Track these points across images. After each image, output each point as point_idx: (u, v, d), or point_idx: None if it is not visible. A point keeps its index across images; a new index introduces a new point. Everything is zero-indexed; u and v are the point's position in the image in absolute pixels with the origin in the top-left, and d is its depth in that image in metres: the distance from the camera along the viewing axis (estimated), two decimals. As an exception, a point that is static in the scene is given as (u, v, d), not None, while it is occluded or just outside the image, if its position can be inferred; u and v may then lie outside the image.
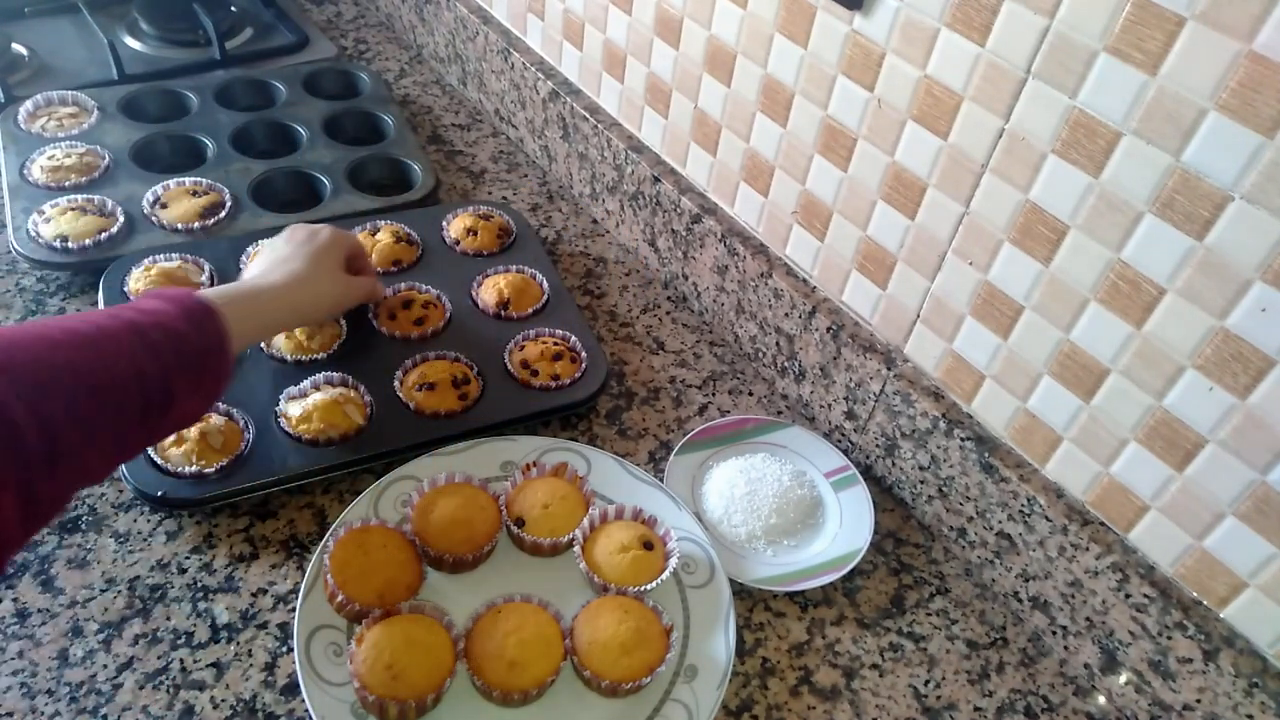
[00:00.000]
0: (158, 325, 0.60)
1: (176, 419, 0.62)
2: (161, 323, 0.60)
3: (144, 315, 0.60)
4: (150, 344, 0.59)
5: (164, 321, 0.61)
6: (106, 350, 0.56)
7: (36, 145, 1.02)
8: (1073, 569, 0.71)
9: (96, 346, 0.56)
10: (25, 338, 0.53)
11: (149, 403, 0.58)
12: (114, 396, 0.56)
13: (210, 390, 0.64)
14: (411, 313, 0.90)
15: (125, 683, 0.65)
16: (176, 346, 0.60)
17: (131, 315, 0.60)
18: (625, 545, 0.72)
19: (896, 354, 0.82)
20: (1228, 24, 0.52)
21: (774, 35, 0.80)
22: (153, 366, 0.58)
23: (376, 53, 1.37)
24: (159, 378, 0.58)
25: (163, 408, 0.59)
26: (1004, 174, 0.67)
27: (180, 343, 0.61)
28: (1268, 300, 0.55)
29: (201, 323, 0.63)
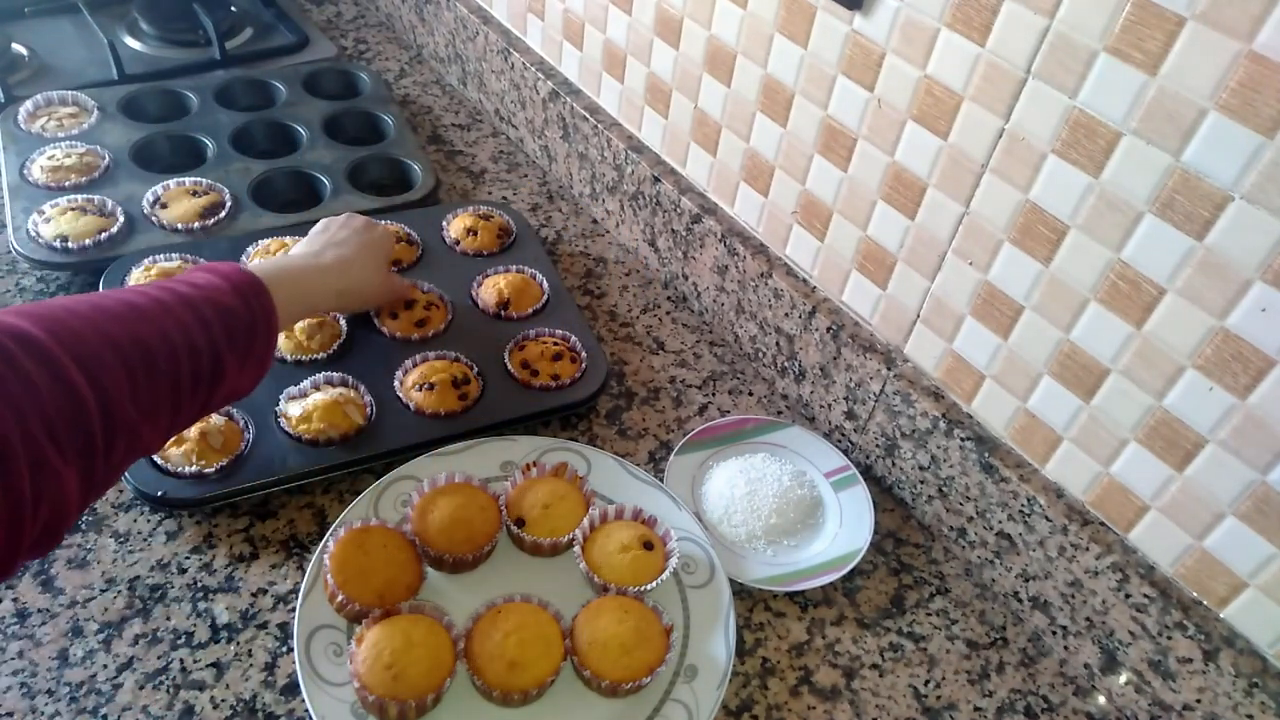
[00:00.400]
0: (209, 300, 0.61)
1: (226, 393, 0.63)
2: (213, 297, 0.61)
3: (196, 289, 0.61)
4: (202, 318, 0.59)
5: (215, 296, 0.62)
6: (161, 323, 0.57)
7: (36, 145, 1.02)
8: (1073, 569, 0.71)
9: (151, 319, 0.57)
10: (82, 307, 0.54)
11: (200, 376, 0.59)
12: (168, 368, 0.56)
13: (258, 365, 0.65)
14: (414, 313, 0.89)
15: (125, 683, 0.65)
16: (227, 321, 0.61)
17: (184, 289, 0.61)
18: (625, 545, 0.72)
19: (896, 354, 0.82)
20: (1228, 24, 0.52)
21: (774, 35, 0.80)
22: (204, 340, 0.59)
23: (376, 53, 1.37)
24: (210, 352, 0.59)
25: (213, 381, 0.60)
26: (1004, 174, 0.67)
27: (231, 317, 0.62)
28: (1268, 300, 0.55)
29: (251, 298, 0.64)
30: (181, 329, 0.58)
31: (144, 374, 0.55)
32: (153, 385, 0.55)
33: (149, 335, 0.56)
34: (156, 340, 0.56)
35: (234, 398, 0.65)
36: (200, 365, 0.59)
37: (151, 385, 0.55)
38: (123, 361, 0.54)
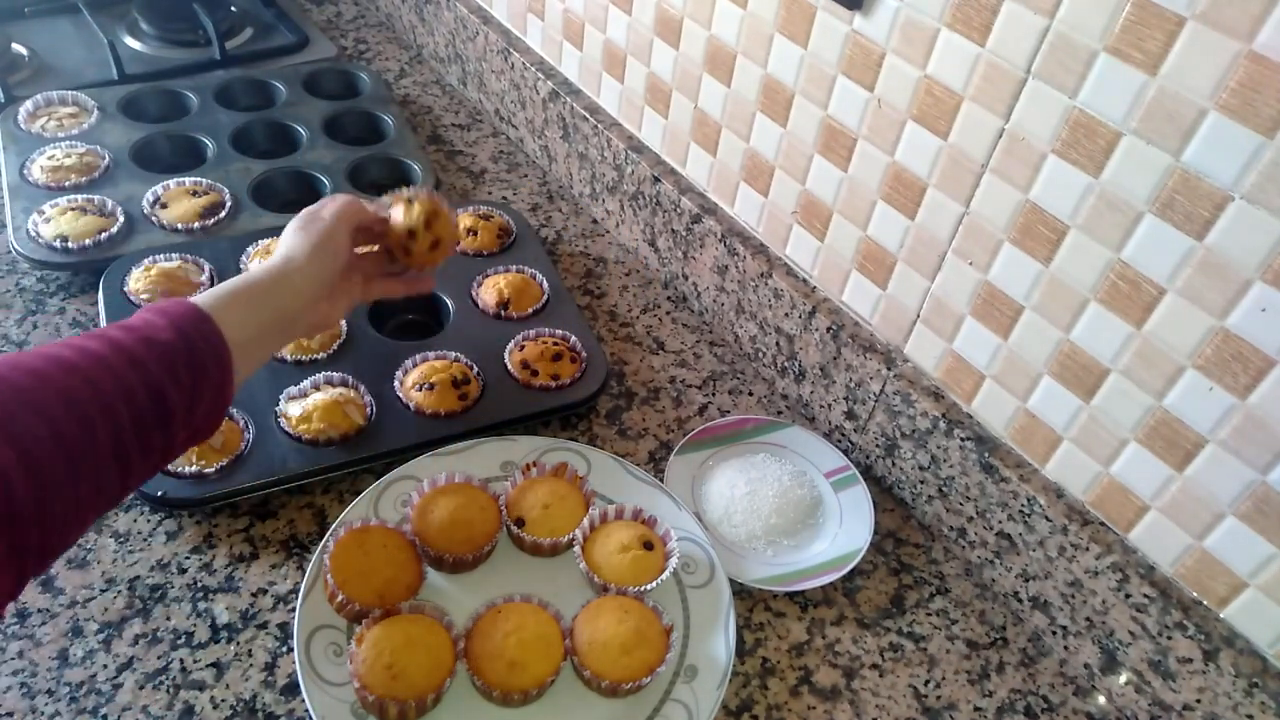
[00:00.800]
0: (142, 340, 0.57)
1: (184, 435, 0.59)
2: (147, 336, 0.57)
3: (127, 331, 0.57)
4: (135, 360, 0.55)
5: (149, 334, 0.57)
6: (90, 373, 0.53)
7: (36, 145, 1.02)
8: (1073, 569, 0.71)
9: (78, 371, 0.53)
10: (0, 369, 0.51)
11: (145, 424, 0.55)
12: (103, 421, 0.52)
13: (214, 398, 0.60)
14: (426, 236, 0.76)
15: (125, 683, 0.65)
16: (166, 359, 0.57)
17: (114, 334, 0.57)
18: (625, 545, 0.72)
19: (896, 354, 0.82)
20: (1228, 24, 0.52)
21: (774, 35, 0.80)
22: (143, 384, 0.55)
23: (376, 53, 1.37)
24: (152, 395, 0.55)
25: (161, 424, 0.56)
26: (1004, 174, 0.67)
27: (169, 354, 0.57)
28: (1268, 300, 0.55)
29: (188, 329, 0.59)
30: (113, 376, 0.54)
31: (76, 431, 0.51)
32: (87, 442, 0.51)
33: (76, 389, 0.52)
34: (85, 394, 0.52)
35: (198, 437, 0.61)
36: (141, 412, 0.54)
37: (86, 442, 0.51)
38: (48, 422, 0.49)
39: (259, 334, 0.65)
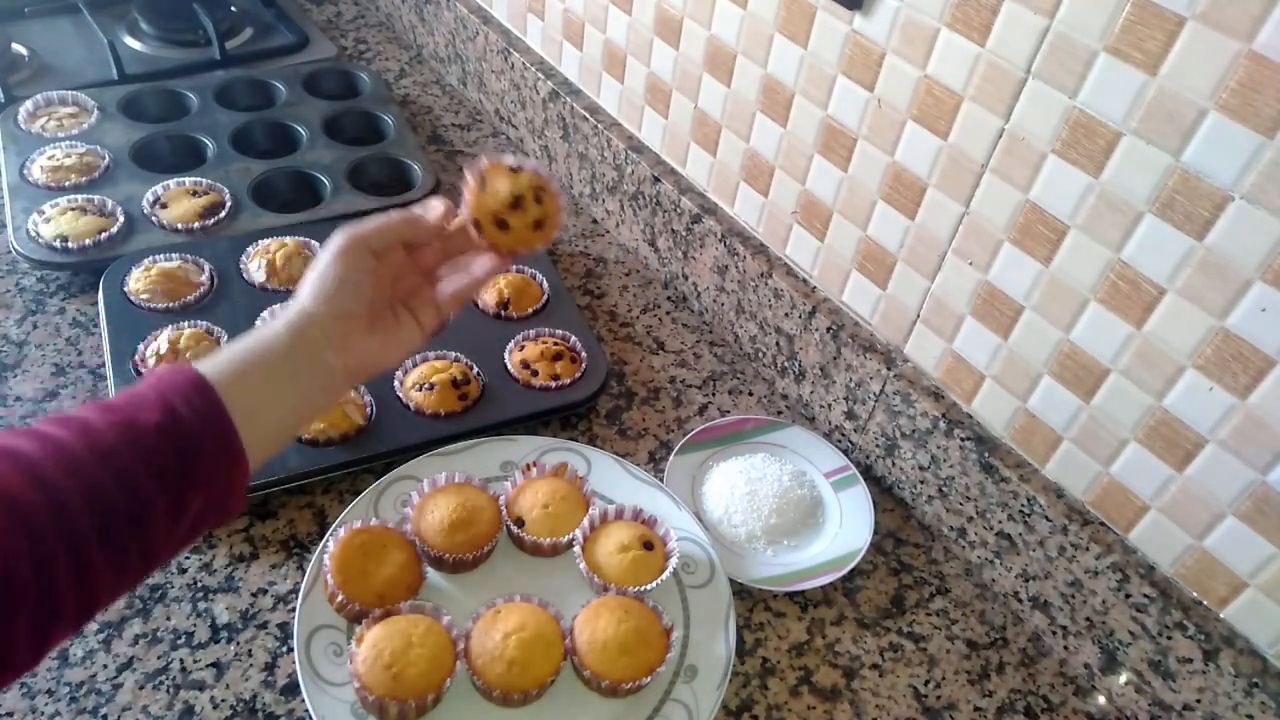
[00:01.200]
0: (123, 424, 0.48)
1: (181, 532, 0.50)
2: (130, 418, 0.48)
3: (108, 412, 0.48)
4: (106, 451, 0.46)
5: (131, 416, 0.48)
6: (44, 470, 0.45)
7: (36, 145, 1.02)
8: (1073, 569, 0.71)
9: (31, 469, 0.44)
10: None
11: (112, 529, 0.46)
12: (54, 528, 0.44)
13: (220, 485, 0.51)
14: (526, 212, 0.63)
15: (125, 683, 0.65)
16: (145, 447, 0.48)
17: (91, 416, 0.48)
18: (625, 545, 0.72)
19: (896, 354, 0.82)
20: (1228, 24, 0.52)
21: (774, 35, 0.80)
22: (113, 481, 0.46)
23: (376, 53, 1.37)
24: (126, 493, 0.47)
25: (139, 526, 0.47)
26: (1004, 174, 0.67)
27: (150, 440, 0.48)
28: (1268, 300, 0.55)
29: (180, 407, 0.50)
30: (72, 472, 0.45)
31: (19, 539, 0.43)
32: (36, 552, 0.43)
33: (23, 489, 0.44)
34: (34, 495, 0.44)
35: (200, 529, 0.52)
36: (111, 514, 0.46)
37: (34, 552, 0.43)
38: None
39: (277, 397, 0.55)
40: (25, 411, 0.81)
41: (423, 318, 0.63)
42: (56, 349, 0.87)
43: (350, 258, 0.59)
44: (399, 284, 0.62)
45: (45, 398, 0.82)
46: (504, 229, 0.62)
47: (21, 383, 0.83)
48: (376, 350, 0.61)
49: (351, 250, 0.59)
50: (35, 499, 0.44)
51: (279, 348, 0.56)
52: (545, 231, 0.64)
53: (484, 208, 0.62)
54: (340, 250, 0.59)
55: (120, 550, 0.47)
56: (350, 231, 0.60)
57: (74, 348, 0.87)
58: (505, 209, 0.62)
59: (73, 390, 0.83)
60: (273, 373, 0.55)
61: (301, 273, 0.90)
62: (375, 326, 0.60)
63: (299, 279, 0.93)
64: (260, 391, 0.54)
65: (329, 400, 0.60)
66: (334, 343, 0.58)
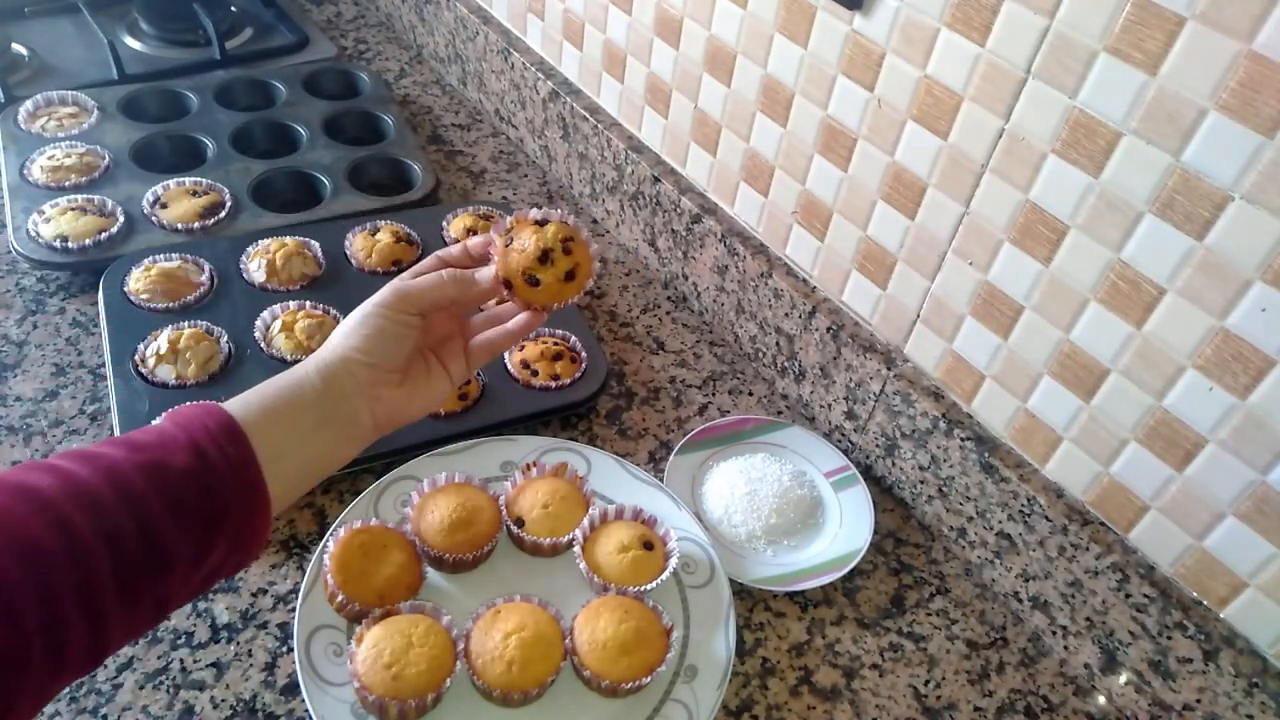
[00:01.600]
0: (149, 465, 0.46)
1: (196, 581, 0.49)
2: (157, 459, 0.47)
3: (133, 451, 0.47)
4: (131, 492, 0.45)
5: (160, 457, 0.47)
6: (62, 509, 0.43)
7: (36, 145, 1.02)
8: (1073, 569, 0.71)
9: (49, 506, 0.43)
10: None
11: (129, 570, 0.45)
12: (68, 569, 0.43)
13: (240, 538, 0.50)
14: (556, 266, 0.62)
15: (125, 683, 0.65)
16: (171, 492, 0.46)
17: (115, 454, 0.47)
18: (625, 545, 0.72)
19: (896, 354, 0.82)
20: (1228, 24, 0.52)
21: (774, 35, 0.80)
22: (132, 523, 0.45)
23: (376, 53, 1.37)
24: (144, 536, 0.45)
25: (154, 573, 0.46)
26: (1004, 174, 0.67)
27: (178, 485, 0.47)
28: (1268, 300, 0.55)
29: (211, 452, 0.48)
30: (93, 512, 0.44)
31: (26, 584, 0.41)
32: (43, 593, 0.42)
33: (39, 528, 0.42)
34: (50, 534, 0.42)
35: (219, 575, 0.50)
36: (126, 556, 0.44)
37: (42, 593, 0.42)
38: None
39: (305, 444, 0.54)
40: (25, 411, 0.81)
41: (453, 368, 0.63)
42: (56, 349, 0.87)
43: (398, 312, 0.58)
44: (431, 334, 0.62)
45: (45, 398, 0.82)
46: (535, 285, 0.61)
47: (21, 383, 0.83)
48: (405, 402, 0.60)
49: (400, 305, 0.59)
50: (55, 544, 0.42)
51: (309, 393, 0.55)
52: (578, 281, 0.63)
53: (512, 267, 0.61)
54: (388, 304, 0.58)
55: (135, 598, 0.46)
56: (402, 288, 0.59)
57: (74, 348, 0.87)
58: (534, 264, 0.61)
59: (73, 390, 0.83)
60: (302, 418, 0.54)
61: (301, 272, 0.92)
62: (407, 379, 0.60)
63: (299, 279, 0.94)
64: (289, 438, 0.53)
65: (353, 451, 0.59)
66: (365, 392, 0.57)
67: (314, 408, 0.55)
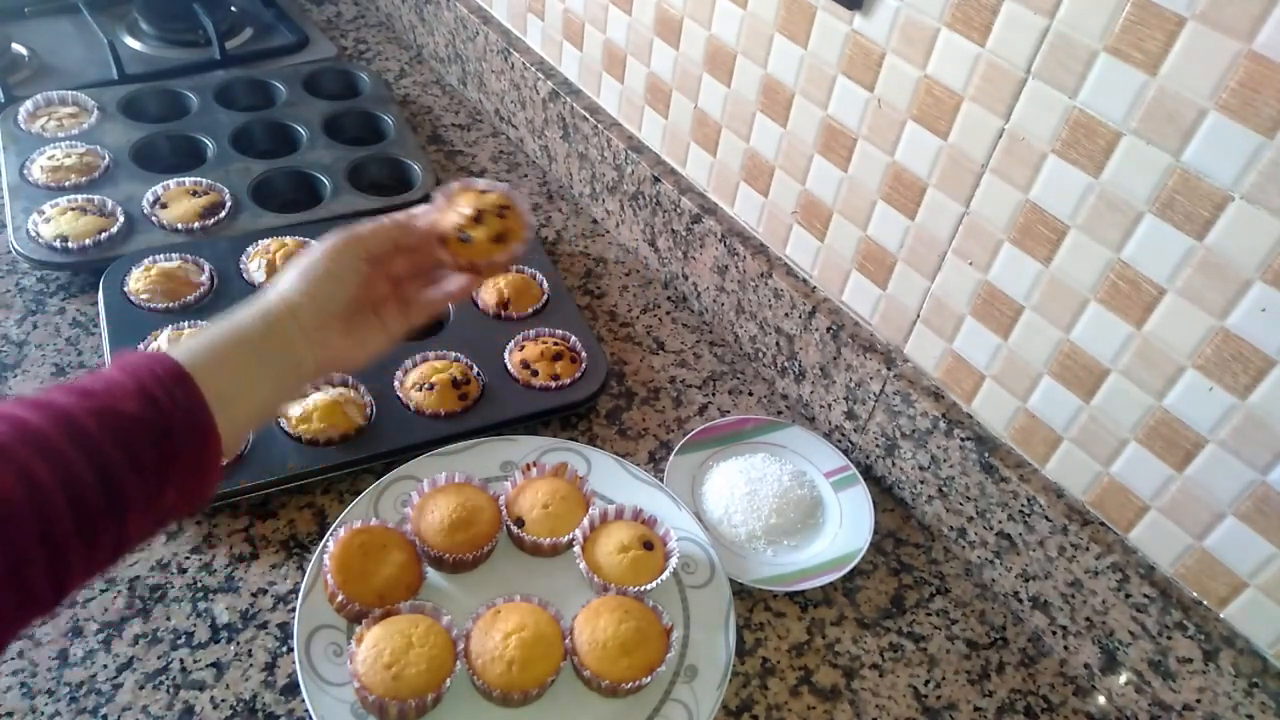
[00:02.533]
0: (101, 410, 0.47)
1: (149, 523, 0.50)
2: (107, 405, 0.47)
3: (85, 398, 0.47)
4: (84, 437, 0.46)
5: (111, 404, 0.47)
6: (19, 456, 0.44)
7: (36, 145, 1.02)
8: (1073, 569, 0.71)
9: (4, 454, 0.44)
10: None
11: (88, 514, 0.46)
12: (30, 514, 0.44)
13: (193, 478, 0.50)
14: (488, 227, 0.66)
15: (125, 683, 0.65)
16: (124, 435, 0.47)
17: (67, 401, 0.47)
18: (625, 545, 0.72)
19: (896, 354, 0.82)
20: (1228, 24, 0.52)
21: (774, 35, 0.80)
22: (89, 467, 0.46)
23: (376, 53, 1.37)
24: (101, 479, 0.46)
25: (113, 515, 0.47)
26: (1004, 174, 0.67)
27: (130, 429, 0.47)
28: (1268, 300, 0.55)
29: (160, 396, 0.49)
30: (50, 458, 0.44)
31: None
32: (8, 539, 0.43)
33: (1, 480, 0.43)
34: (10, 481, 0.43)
35: (171, 516, 0.51)
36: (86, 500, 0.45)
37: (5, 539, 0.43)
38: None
39: (252, 388, 0.55)
40: (25, 411, 0.81)
41: (391, 325, 0.64)
42: (56, 349, 0.87)
43: (345, 257, 0.60)
44: (372, 290, 0.63)
45: (45, 398, 0.82)
46: (467, 242, 0.65)
47: (21, 383, 0.83)
48: (347, 350, 0.61)
49: (347, 250, 0.60)
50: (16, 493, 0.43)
51: (254, 336, 0.56)
52: (508, 244, 0.66)
53: (447, 224, 0.65)
54: (336, 248, 0.60)
55: (94, 541, 0.46)
56: (349, 232, 0.61)
57: (74, 348, 0.87)
58: (469, 223, 0.65)
59: (73, 390, 0.83)
60: (248, 362, 0.55)
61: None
62: (351, 328, 0.61)
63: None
64: (235, 382, 0.53)
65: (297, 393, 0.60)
66: (310, 337, 0.58)
67: (258, 352, 0.55)
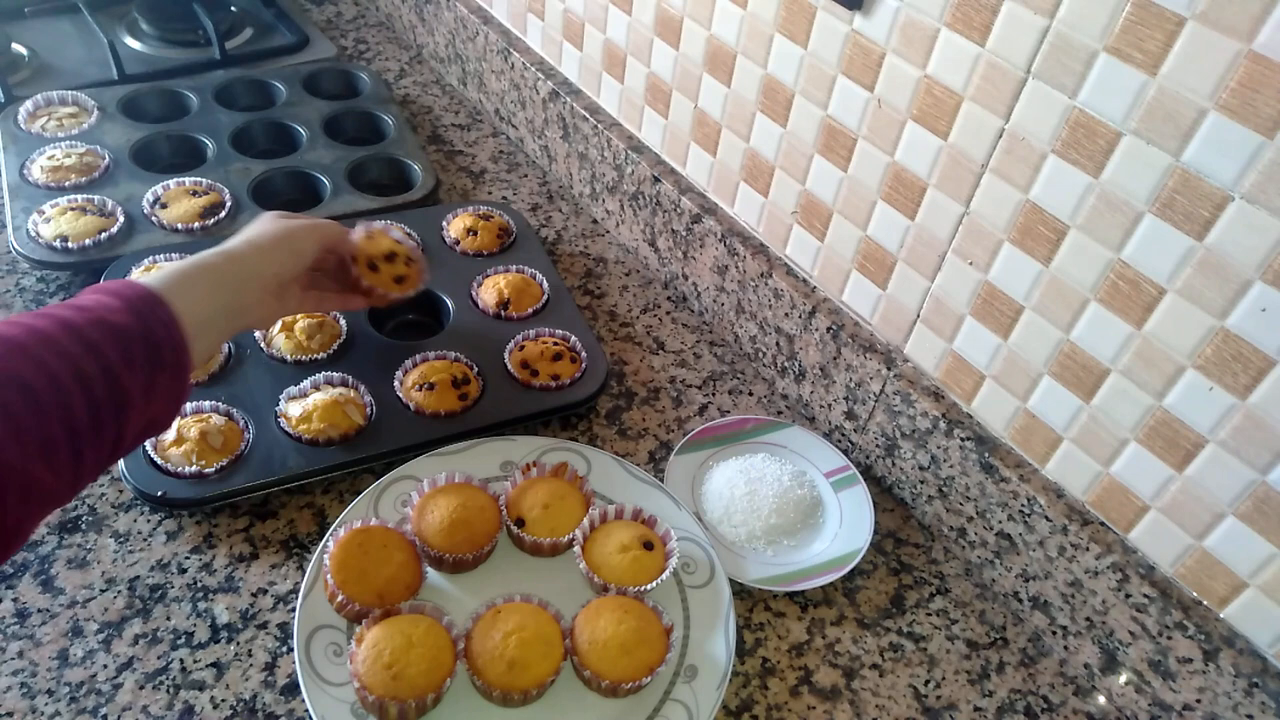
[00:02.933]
0: (96, 321, 0.54)
1: (141, 423, 0.56)
2: (101, 317, 0.54)
3: (80, 312, 0.54)
4: (89, 341, 0.53)
5: (104, 316, 0.54)
6: (39, 353, 0.51)
7: (36, 145, 1.02)
8: (1073, 569, 0.71)
9: (26, 351, 0.50)
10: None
11: (98, 407, 0.52)
12: (55, 403, 0.50)
13: (173, 387, 0.58)
14: (394, 266, 0.81)
15: (125, 683, 0.65)
16: (122, 341, 0.54)
17: (66, 314, 0.54)
18: (625, 545, 0.72)
19: (896, 354, 0.82)
20: (1228, 24, 0.52)
21: (774, 35, 0.80)
22: (96, 366, 0.52)
23: (376, 53, 1.37)
24: (106, 378, 0.53)
25: (117, 411, 0.54)
26: (1004, 174, 0.67)
27: (125, 336, 0.55)
28: (1268, 300, 0.55)
29: (145, 312, 0.57)
30: (64, 357, 0.51)
31: (26, 412, 0.49)
32: (40, 424, 0.49)
33: (25, 369, 0.50)
34: (35, 374, 0.50)
35: (155, 428, 0.59)
36: (95, 394, 0.52)
37: (39, 424, 0.49)
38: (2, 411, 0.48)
39: (211, 320, 0.62)
40: (25, 411, 0.81)
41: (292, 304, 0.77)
42: (56, 349, 0.87)
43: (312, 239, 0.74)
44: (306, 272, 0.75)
45: (45, 398, 0.82)
46: (374, 270, 0.80)
47: (21, 383, 0.83)
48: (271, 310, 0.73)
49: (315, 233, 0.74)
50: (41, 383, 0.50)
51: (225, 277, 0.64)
52: (403, 287, 0.82)
53: (364, 251, 0.80)
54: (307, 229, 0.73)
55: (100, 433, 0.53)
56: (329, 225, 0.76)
57: (74, 348, 0.87)
58: (380, 257, 0.80)
59: (73, 390, 0.83)
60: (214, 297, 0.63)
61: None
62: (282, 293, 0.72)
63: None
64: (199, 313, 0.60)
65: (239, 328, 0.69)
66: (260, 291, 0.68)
67: (223, 290, 0.64)
